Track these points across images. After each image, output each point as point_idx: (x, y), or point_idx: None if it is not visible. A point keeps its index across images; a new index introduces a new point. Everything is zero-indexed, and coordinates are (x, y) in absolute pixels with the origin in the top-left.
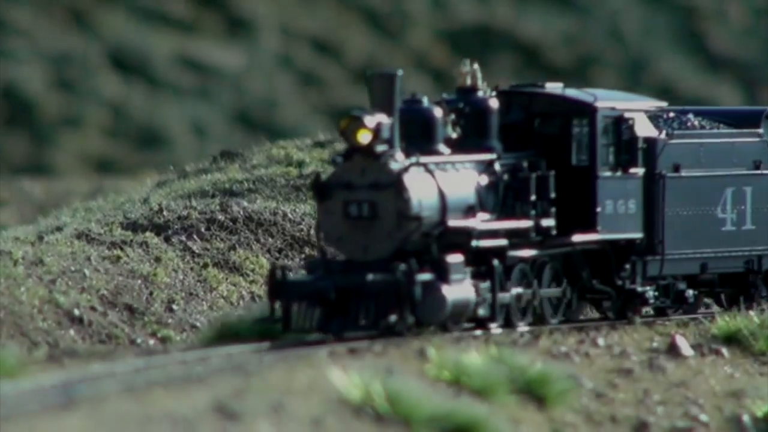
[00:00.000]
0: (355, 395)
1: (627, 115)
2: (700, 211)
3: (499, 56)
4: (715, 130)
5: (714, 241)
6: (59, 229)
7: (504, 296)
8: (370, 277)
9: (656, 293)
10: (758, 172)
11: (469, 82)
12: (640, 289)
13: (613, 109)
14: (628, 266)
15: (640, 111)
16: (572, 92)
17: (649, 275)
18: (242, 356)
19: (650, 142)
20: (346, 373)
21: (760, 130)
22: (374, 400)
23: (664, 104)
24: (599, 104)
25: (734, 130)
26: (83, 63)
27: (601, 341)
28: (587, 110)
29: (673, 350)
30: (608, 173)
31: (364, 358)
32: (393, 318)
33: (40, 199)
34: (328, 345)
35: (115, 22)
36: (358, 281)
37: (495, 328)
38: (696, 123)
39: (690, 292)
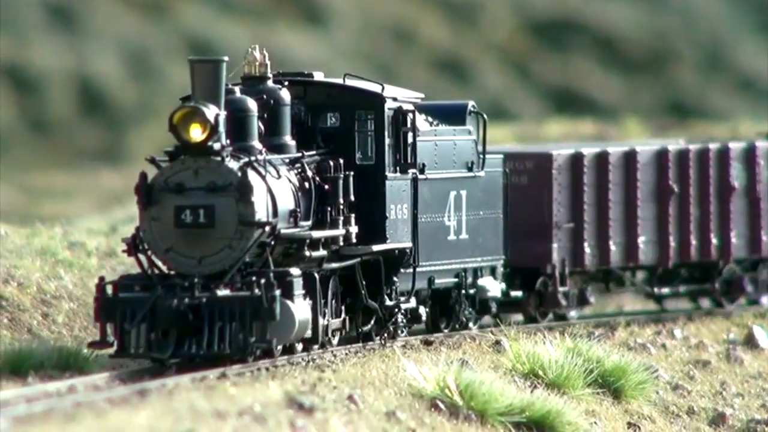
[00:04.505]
0: (429, 388)
1: (405, 107)
2: (435, 218)
3: (577, 48)
4: (443, 128)
5: (441, 252)
6: (132, 219)
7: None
8: (222, 293)
9: (408, 311)
10: (471, 174)
11: (257, 70)
12: (405, 305)
13: (395, 100)
14: (396, 279)
15: (412, 102)
16: (355, 82)
17: (401, 290)
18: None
19: None
20: (420, 366)
21: (471, 128)
22: (448, 393)
23: (421, 95)
24: (387, 94)
25: (454, 128)
26: (159, 52)
27: (678, 333)
28: (374, 102)
29: (750, 342)
30: (393, 174)
31: (438, 351)
32: (253, 338)
33: (114, 189)
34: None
35: (191, 12)
36: (211, 298)
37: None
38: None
39: (423, 310)
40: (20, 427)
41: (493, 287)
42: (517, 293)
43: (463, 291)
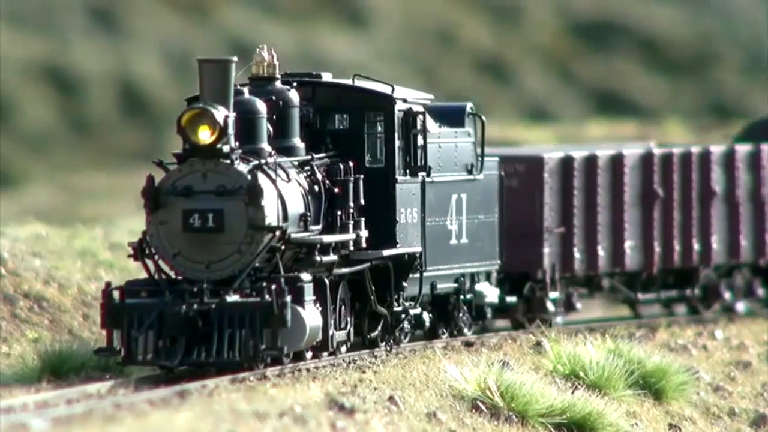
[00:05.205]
0: (469, 389)
1: (416, 108)
2: (439, 222)
3: (619, 49)
4: (445, 130)
5: (444, 257)
6: None
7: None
8: (232, 299)
9: (412, 317)
10: (471, 177)
11: (266, 71)
12: (412, 311)
13: (405, 101)
14: (405, 284)
15: (422, 103)
16: (364, 83)
17: (408, 295)
18: None
19: None
20: (461, 368)
21: (470, 130)
22: (489, 394)
23: (431, 96)
24: (397, 95)
25: (456, 130)
26: (201, 54)
27: (719, 334)
28: (384, 103)
29: None
30: (404, 177)
31: (479, 352)
32: (263, 346)
33: None
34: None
35: (233, 13)
36: (220, 305)
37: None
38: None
39: (426, 315)
40: (60, 428)
41: (491, 293)
42: (512, 299)
43: (462, 296)
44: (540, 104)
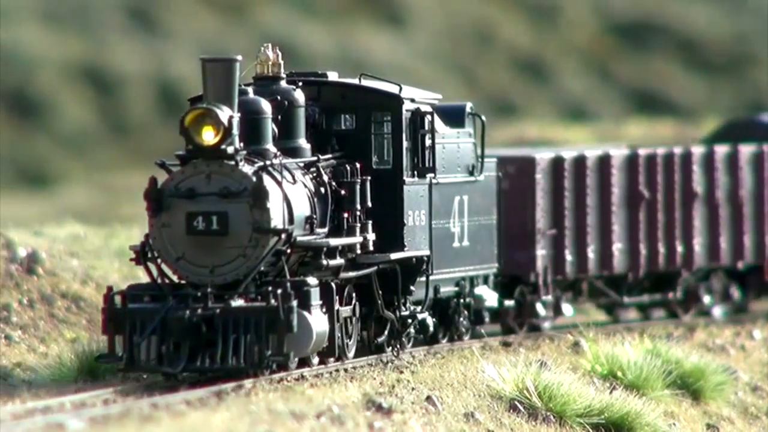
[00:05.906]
0: (507, 390)
1: (424, 108)
2: (444, 224)
3: (657, 49)
4: (448, 130)
5: (447, 260)
6: None
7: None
8: (236, 304)
9: (417, 321)
10: (472, 178)
11: (270, 70)
12: (420, 315)
13: (413, 101)
14: (413, 288)
15: (430, 103)
16: (371, 82)
17: (415, 299)
18: None
19: None
20: (499, 368)
21: (471, 130)
22: (527, 394)
23: (439, 96)
24: (404, 95)
25: (458, 130)
26: (239, 54)
27: (756, 334)
28: (391, 103)
29: None
30: (411, 178)
31: (517, 352)
32: (269, 352)
33: None
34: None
35: (271, 13)
36: (224, 310)
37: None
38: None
39: (430, 321)
40: (97, 427)
41: (490, 297)
42: (510, 303)
43: (462, 300)
44: (579, 104)
